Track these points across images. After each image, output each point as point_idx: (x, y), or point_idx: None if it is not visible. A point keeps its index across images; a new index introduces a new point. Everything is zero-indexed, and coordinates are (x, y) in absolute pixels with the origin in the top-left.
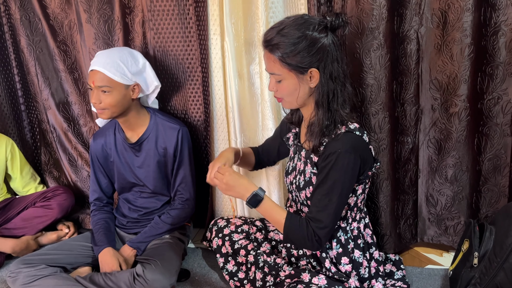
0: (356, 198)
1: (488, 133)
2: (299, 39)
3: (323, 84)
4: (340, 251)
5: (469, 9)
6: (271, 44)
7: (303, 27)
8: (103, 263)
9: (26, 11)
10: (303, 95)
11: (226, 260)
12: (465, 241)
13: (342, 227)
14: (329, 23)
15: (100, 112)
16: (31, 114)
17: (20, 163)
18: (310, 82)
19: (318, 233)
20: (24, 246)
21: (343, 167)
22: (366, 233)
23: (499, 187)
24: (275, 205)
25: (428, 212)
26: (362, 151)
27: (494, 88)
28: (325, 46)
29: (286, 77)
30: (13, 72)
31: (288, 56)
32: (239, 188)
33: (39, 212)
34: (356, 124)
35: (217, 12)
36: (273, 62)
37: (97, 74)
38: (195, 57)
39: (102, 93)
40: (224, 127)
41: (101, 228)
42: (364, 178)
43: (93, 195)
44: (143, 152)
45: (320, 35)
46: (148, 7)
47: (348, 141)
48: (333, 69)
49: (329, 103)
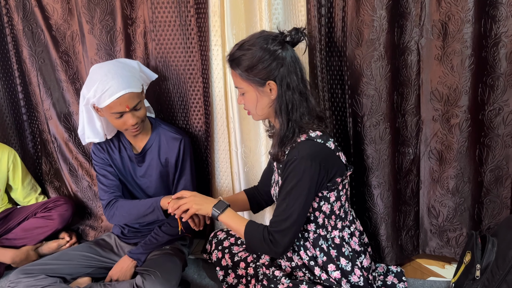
0: (330, 205)
1: (490, 144)
2: (256, 52)
3: (280, 95)
4: (325, 259)
5: (469, 21)
6: (232, 59)
7: (260, 41)
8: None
9: (29, 22)
10: (263, 106)
11: (226, 273)
12: (467, 253)
13: (322, 235)
14: (287, 37)
15: (138, 129)
16: (33, 124)
17: (21, 174)
18: (270, 94)
19: (274, 236)
20: (24, 256)
21: (299, 173)
22: (354, 241)
23: (501, 199)
24: (238, 215)
25: (430, 224)
26: (323, 158)
27: (495, 99)
28: (281, 58)
29: (248, 90)
30: (15, 82)
31: (246, 70)
32: (206, 200)
33: (40, 222)
34: (318, 132)
35: (218, 23)
36: (235, 76)
37: (128, 96)
38: (196, 68)
39: (136, 111)
40: (225, 137)
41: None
42: (333, 185)
43: (105, 193)
44: (146, 162)
45: (276, 47)
46: (150, 18)
47: (305, 148)
48: (291, 80)
49: (288, 114)
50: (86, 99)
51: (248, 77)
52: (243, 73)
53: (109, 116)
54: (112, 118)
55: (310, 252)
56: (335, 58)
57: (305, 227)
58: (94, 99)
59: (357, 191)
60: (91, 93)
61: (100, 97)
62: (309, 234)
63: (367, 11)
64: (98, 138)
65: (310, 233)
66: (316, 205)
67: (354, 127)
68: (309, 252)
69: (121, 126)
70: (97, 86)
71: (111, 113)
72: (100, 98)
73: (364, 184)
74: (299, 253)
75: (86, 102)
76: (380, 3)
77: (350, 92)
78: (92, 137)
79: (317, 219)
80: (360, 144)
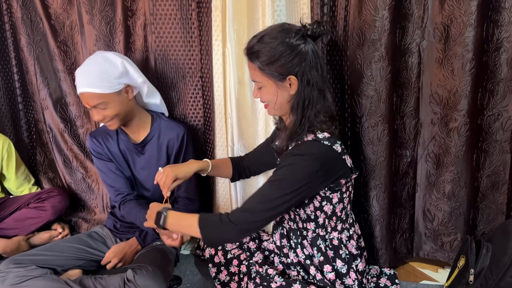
0: (332, 206)
1: (488, 150)
2: (278, 46)
3: (300, 91)
4: (322, 259)
5: (471, 25)
6: (251, 52)
7: (282, 35)
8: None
9: (28, 10)
10: (282, 101)
11: (219, 270)
12: (461, 257)
13: (321, 235)
14: (309, 31)
15: (109, 125)
16: (29, 113)
17: (15, 164)
18: (289, 89)
19: (236, 214)
20: (15, 247)
21: (296, 167)
22: (351, 244)
23: (497, 204)
24: (184, 213)
25: (424, 227)
26: (327, 160)
27: (494, 104)
28: (303, 53)
29: (266, 84)
30: (12, 71)
31: (266, 64)
32: (149, 213)
33: (32, 213)
34: (326, 134)
35: (219, 18)
36: (254, 70)
37: (87, 95)
38: (195, 62)
39: (101, 110)
40: (223, 132)
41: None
42: (336, 186)
43: (113, 195)
44: (146, 153)
45: (298, 42)
46: (150, 11)
47: (309, 148)
48: (311, 76)
49: (304, 110)
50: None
51: (268, 71)
52: (263, 67)
53: None
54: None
55: (307, 251)
56: (336, 57)
57: (305, 226)
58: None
59: (353, 192)
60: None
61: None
62: (307, 233)
63: (370, 11)
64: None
65: (309, 232)
66: (318, 205)
67: (353, 128)
68: (306, 250)
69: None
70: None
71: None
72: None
73: (361, 185)
74: (295, 250)
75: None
76: (383, 3)
77: (350, 92)
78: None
79: (318, 218)
80: (358, 145)
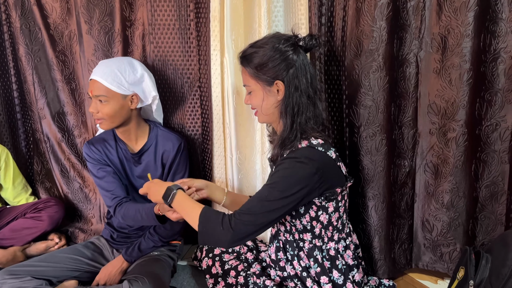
0: (328, 216)
1: (486, 160)
2: (267, 51)
3: (287, 97)
4: (319, 270)
5: (469, 35)
6: (243, 56)
7: (272, 40)
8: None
9: (27, 20)
10: (269, 106)
11: (216, 281)
12: (461, 268)
13: (317, 246)
14: (301, 41)
15: (99, 122)
16: (26, 123)
17: (13, 173)
18: (277, 94)
19: (236, 217)
20: (11, 257)
21: (292, 170)
22: (348, 255)
23: (496, 215)
24: (191, 200)
25: (423, 238)
26: (323, 165)
27: (492, 115)
28: (291, 59)
29: (255, 88)
30: (11, 80)
31: (256, 68)
32: (159, 189)
33: (28, 223)
34: (320, 140)
35: (217, 28)
36: (245, 74)
37: (95, 83)
38: (194, 72)
39: (100, 102)
40: (221, 143)
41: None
42: (332, 194)
43: (109, 200)
44: (143, 163)
45: (287, 48)
46: (149, 21)
47: (305, 153)
48: (299, 83)
49: (294, 116)
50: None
51: (257, 75)
52: (253, 71)
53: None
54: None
55: (304, 262)
56: (334, 68)
57: (301, 237)
58: None
59: (351, 202)
60: None
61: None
62: (304, 244)
63: (367, 22)
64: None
65: (306, 243)
66: (314, 215)
67: (351, 138)
68: (302, 262)
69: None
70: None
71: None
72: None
73: (359, 196)
74: (292, 262)
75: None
76: (381, 14)
77: (348, 102)
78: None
79: (314, 229)
80: (356, 154)
